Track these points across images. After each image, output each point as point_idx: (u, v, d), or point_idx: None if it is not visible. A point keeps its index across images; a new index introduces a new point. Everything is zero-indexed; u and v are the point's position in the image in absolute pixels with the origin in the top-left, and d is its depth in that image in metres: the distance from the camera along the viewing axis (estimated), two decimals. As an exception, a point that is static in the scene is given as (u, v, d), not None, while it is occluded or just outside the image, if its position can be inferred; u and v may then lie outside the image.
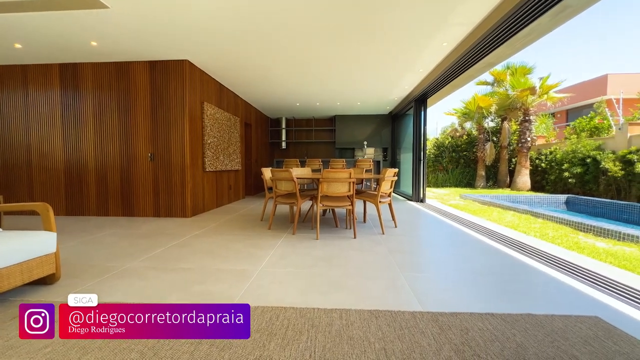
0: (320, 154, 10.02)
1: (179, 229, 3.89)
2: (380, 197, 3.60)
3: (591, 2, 2.60)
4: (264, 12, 3.17)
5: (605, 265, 2.57)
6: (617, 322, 1.58)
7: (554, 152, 10.25)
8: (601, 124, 10.60)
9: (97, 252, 2.90)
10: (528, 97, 10.41)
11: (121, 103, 4.71)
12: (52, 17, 3.26)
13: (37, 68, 4.77)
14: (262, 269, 2.40)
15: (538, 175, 10.86)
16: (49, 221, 2.07)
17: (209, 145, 5.26)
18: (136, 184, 4.75)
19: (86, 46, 4.07)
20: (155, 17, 3.30)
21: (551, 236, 4.07)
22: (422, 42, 3.96)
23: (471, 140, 12.85)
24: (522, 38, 3.46)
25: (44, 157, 4.88)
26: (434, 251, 3.13)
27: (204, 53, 4.35)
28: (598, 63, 58.08)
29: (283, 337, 1.43)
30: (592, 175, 8.57)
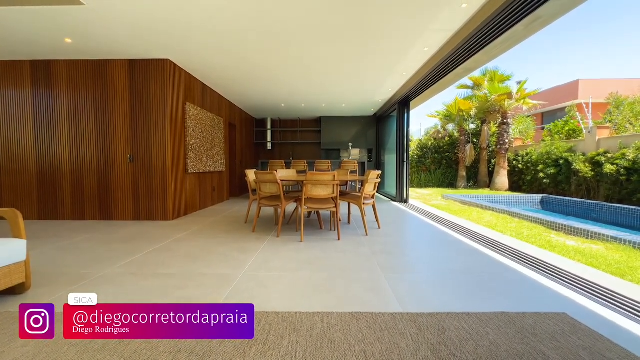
0: (306, 155, 10.02)
1: (160, 232, 3.80)
2: (363, 198, 3.65)
3: (560, 14, 2.75)
4: (246, 13, 3.15)
5: (574, 263, 2.72)
6: (583, 318, 1.68)
7: (530, 154, 10.71)
8: (579, 127, 11.15)
9: (71, 258, 2.79)
10: (506, 101, 10.84)
11: (98, 103, 4.53)
12: (23, 11, 3.11)
13: (5, 64, 4.52)
14: (245, 273, 2.38)
15: (515, 175, 11.32)
16: (17, 228, 1.97)
17: (192, 146, 5.16)
18: (115, 186, 4.59)
19: (60, 43, 3.90)
20: (134, 15, 3.20)
21: (526, 235, 4.26)
22: (405, 46, 4.05)
23: (453, 141, 13.22)
24: (498, 45, 3.60)
25: (13, 160, 4.63)
26: (416, 252, 3.21)
27: (186, 52, 4.27)
28: (572, 68, 61.36)
29: (264, 343, 1.43)
30: (565, 176, 9.02)
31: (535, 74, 64.22)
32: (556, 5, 2.65)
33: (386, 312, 1.74)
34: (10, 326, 1.58)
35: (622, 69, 43.06)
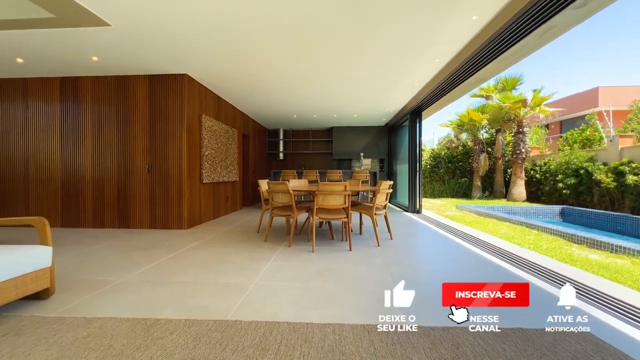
0: (317, 165, 10.08)
1: (175, 241, 3.89)
2: (375, 209, 3.64)
3: (575, 23, 2.72)
4: (259, 30, 3.28)
5: (598, 278, 2.60)
6: (608, 337, 1.60)
7: (548, 163, 10.39)
8: (592, 135, 10.80)
9: (91, 264, 2.89)
10: (521, 110, 10.63)
11: (120, 116, 4.76)
12: (56, 33, 3.35)
13: (37, 81, 4.84)
14: (258, 282, 2.40)
15: (533, 185, 10.98)
16: (45, 235, 2.08)
17: (207, 157, 5.30)
18: (133, 195, 4.76)
19: (87, 61, 4.16)
20: (155, 35, 3.39)
21: (545, 248, 4.11)
22: (414, 58, 4.09)
23: (467, 151, 13.01)
24: (511, 55, 3.59)
25: (42, 170, 4.90)
26: (429, 264, 3.15)
27: (202, 67, 4.45)
28: (591, 75, 59.49)
29: (276, 353, 1.44)
30: (586, 186, 8.68)
31: (554, 80, 62.56)
32: (570, 16, 2.63)
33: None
34: (36, 330, 1.65)
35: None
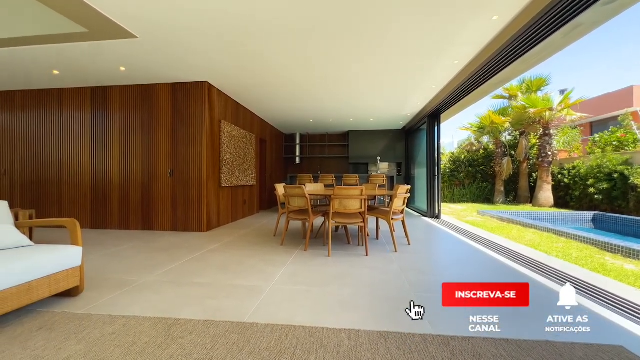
0: (333, 169, 10.08)
1: (195, 243, 4.00)
2: (392, 214, 3.58)
3: (603, 20, 2.59)
4: (275, 38, 3.35)
5: (634, 290, 2.43)
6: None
7: (577, 167, 9.84)
8: (624, 137, 10.13)
9: (116, 265, 3.03)
10: (547, 112, 10.17)
11: (145, 122, 5.00)
12: (88, 46, 3.58)
13: (71, 91, 5.18)
14: (274, 286, 2.42)
15: (561, 190, 10.42)
16: (76, 236, 2.21)
17: (226, 161, 5.44)
18: (156, 199, 4.96)
19: (116, 71, 4.41)
20: (179, 45, 3.55)
21: (575, 257, 3.88)
22: (432, 61, 4.03)
23: (488, 154, 12.57)
24: (535, 55, 3.46)
25: (74, 174, 5.21)
26: (448, 270, 3.06)
27: (222, 75, 4.60)
28: (622, 74, 55.92)
29: (292, 357, 1.44)
30: (621, 192, 8.13)
31: (582, 79, 59.27)
32: (599, 12, 2.51)
33: (416, 332, 1.68)
34: (66, 325, 1.74)
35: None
